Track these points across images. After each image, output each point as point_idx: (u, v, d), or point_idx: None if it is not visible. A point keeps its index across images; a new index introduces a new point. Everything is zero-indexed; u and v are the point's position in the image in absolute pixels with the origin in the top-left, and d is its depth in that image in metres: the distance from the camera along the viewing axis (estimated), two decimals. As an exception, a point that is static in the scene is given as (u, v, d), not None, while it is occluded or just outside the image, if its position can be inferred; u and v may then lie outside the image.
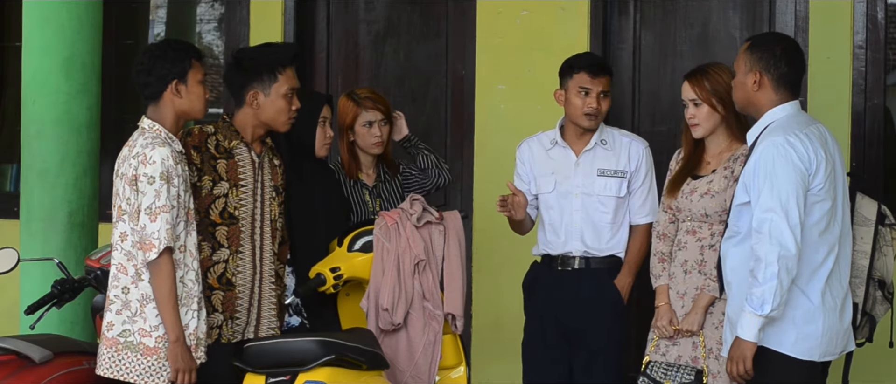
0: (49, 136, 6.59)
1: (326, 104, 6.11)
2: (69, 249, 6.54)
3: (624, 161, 6.24)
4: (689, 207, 5.87)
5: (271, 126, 5.69)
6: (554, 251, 6.25)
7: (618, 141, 6.26)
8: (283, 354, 5.41)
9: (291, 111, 5.69)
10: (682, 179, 5.92)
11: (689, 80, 5.87)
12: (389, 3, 8.05)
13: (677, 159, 6.03)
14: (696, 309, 5.82)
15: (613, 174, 6.23)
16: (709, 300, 5.81)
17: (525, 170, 6.34)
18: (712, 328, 5.80)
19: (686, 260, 5.88)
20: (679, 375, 5.82)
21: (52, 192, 6.59)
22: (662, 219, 6.00)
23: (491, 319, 7.57)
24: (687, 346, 5.85)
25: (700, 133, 5.86)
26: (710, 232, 5.84)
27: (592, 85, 6.15)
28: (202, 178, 5.57)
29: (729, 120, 5.84)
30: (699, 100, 5.82)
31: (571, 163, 6.24)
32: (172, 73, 5.36)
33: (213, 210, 5.59)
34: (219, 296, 5.58)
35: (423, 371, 5.93)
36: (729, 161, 5.85)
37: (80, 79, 6.61)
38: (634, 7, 7.62)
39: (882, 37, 7.18)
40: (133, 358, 5.26)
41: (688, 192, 5.88)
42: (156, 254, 5.19)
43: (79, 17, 6.62)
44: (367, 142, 6.36)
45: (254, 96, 5.66)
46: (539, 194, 6.29)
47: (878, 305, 5.52)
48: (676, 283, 5.90)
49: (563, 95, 6.20)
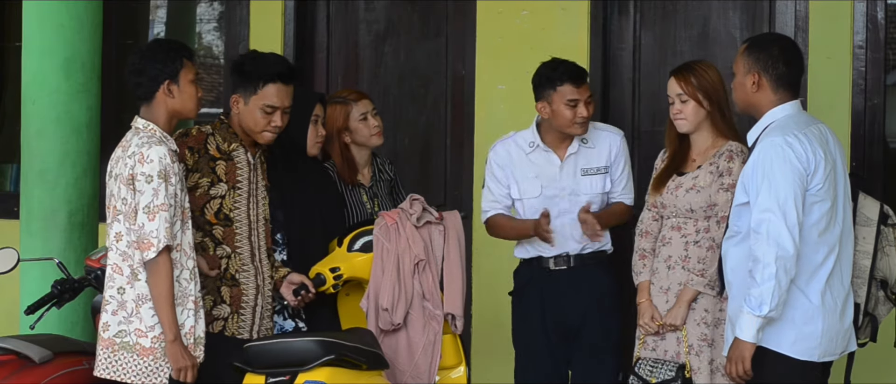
0: (49, 136, 6.58)
1: (319, 103, 6.10)
2: (69, 249, 6.54)
3: (604, 155, 6.29)
4: (673, 203, 5.90)
5: (249, 134, 5.69)
6: (547, 253, 6.26)
7: (596, 136, 6.30)
8: (283, 354, 5.41)
9: (268, 125, 5.66)
10: (666, 176, 5.95)
11: (675, 75, 5.92)
12: (389, 3, 8.05)
13: (662, 158, 6.05)
14: (680, 303, 5.84)
15: (596, 172, 6.26)
16: (693, 295, 5.83)
17: (504, 173, 6.29)
18: (694, 324, 5.82)
19: (670, 255, 5.90)
20: (663, 371, 5.83)
21: (52, 192, 6.58)
22: (646, 217, 6.03)
23: (491, 319, 7.56)
24: (672, 341, 5.88)
25: (685, 128, 5.90)
26: (694, 228, 5.87)
27: (579, 94, 6.16)
28: (196, 179, 5.58)
29: (714, 116, 5.88)
30: (685, 95, 5.86)
31: (556, 167, 6.25)
32: (164, 74, 5.35)
33: (208, 210, 5.60)
34: (227, 291, 5.60)
35: (423, 371, 5.93)
36: (714, 156, 5.88)
37: (80, 79, 6.61)
38: (634, 7, 7.62)
39: (882, 37, 7.18)
40: (130, 358, 5.25)
41: (673, 188, 5.91)
42: (155, 253, 5.19)
43: (79, 17, 6.61)
44: (366, 134, 6.30)
45: (235, 101, 5.69)
46: (523, 198, 6.28)
47: (881, 306, 5.52)
48: (660, 279, 5.92)
49: (548, 107, 6.18)
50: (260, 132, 5.69)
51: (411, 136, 7.99)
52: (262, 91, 5.66)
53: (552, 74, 6.18)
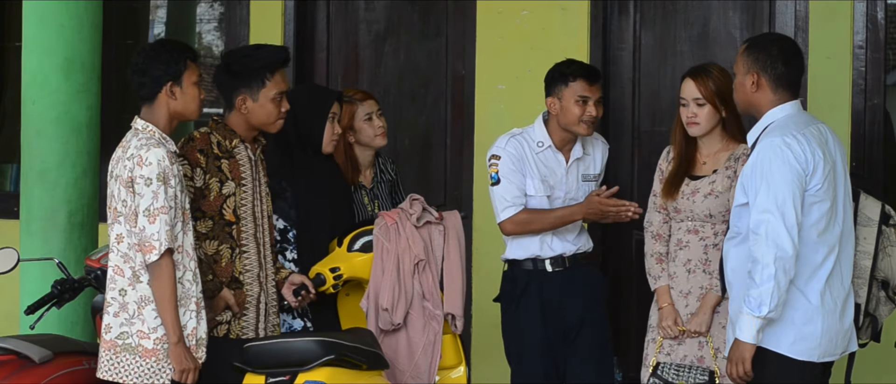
0: (49, 136, 6.58)
1: (336, 101, 6.09)
2: (69, 249, 6.54)
3: (598, 163, 6.34)
4: (690, 208, 5.86)
5: (262, 129, 5.71)
6: (544, 254, 6.24)
7: (591, 145, 6.32)
8: (283, 354, 5.41)
9: (281, 114, 5.69)
10: (679, 180, 5.91)
11: (693, 78, 5.85)
12: (389, 3, 8.05)
13: (667, 159, 6.01)
14: (704, 309, 5.82)
15: (592, 179, 6.31)
16: (716, 300, 5.80)
17: (520, 167, 6.18)
18: (719, 328, 5.80)
19: (689, 259, 5.87)
20: (692, 375, 5.81)
21: (52, 192, 6.58)
22: (656, 219, 5.99)
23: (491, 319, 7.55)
24: (693, 346, 5.85)
25: (697, 132, 5.86)
26: (713, 231, 5.84)
27: (591, 92, 6.15)
28: (209, 181, 5.58)
29: (728, 120, 5.84)
30: (703, 99, 5.82)
31: (563, 169, 6.24)
32: (167, 75, 5.35)
33: (226, 210, 5.60)
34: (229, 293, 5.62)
35: (423, 371, 5.93)
36: (730, 160, 5.85)
37: (80, 79, 6.61)
38: (634, 7, 7.62)
39: (882, 37, 7.18)
40: (132, 360, 5.25)
41: (689, 194, 5.88)
42: (157, 256, 5.19)
43: (79, 17, 6.61)
44: (370, 135, 6.29)
45: (243, 101, 5.66)
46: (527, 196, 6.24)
47: (882, 306, 5.51)
48: (679, 283, 5.89)
49: (557, 103, 6.17)
50: (274, 122, 5.69)
51: (411, 136, 7.98)
52: (271, 81, 5.67)
53: (566, 70, 6.18)
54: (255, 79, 5.66)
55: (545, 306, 6.24)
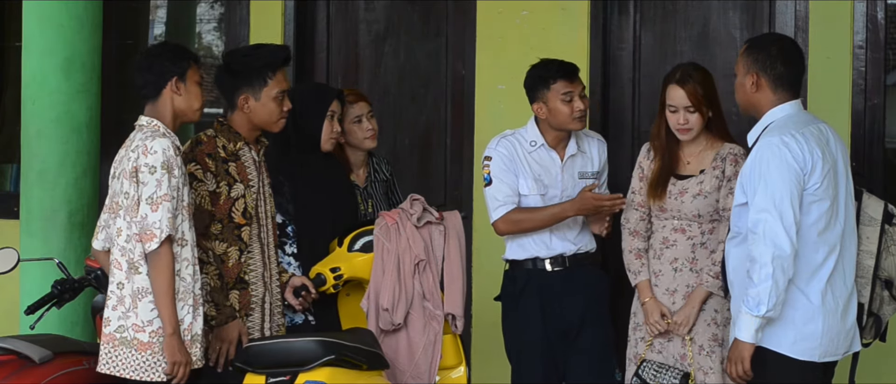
0: (49, 136, 6.59)
1: (336, 99, 6.10)
2: (69, 249, 6.54)
3: (596, 161, 6.34)
4: (678, 208, 5.89)
5: (264, 128, 5.72)
6: (543, 254, 6.25)
7: (587, 143, 6.31)
8: (283, 354, 5.41)
9: (283, 112, 5.70)
10: (664, 180, 5.93)
11: (680, 85, 5.87)
12: (389, 3, 8.05)
13: (648, 157, 6.02)
14: (692, 302, 5.85)
15: (590, 176, 6.29)
16: (704, 295, 5.83)
17: (511, 167, 6.22)
18: (705, 325, 5.83)
19: (676, 258, 5.90)
20: (667, 377, 5.83)
21: (52, 192, 6.59)
22: (634, 216, 6.02)
23: (491, 319, 7.55)
24: (678, 345, 5.88)
25: (689, 137, 5.91)
26: (700, 230, 5.88)
27: (573, 88, 6.18)
28: (219, 184, 5.58)
29: (714, 120, 5.89)
30: (693, 107, 5.85)
31: (558, 167, 6.25)
32: (172, 71, 5.37)
33: (235, 212, 5.60)
34: (235, 296, 5.61)
35: (423, 371, 5.93)
36: (716, 159, 5.89)
37: (80, 79, 6.62)
38: (634, 7, 7.61)
39: (882, 37, 7.18)
40: (128, 353, 5.25)
41: (677, 194, 5.90)
42: (157, 244, 5.19)
43: (79, 17, 6.62)
44: (359, 137, 6.30)
45: (245, 100, 5.67)
46: (521, 197, 6.25)
47: (886, 305, 5.50)
48: (665, 281, 5.92)
49: (544, 107, 6.19)
50: (276, 121, 5.70)
51: (411, 136, 7.98)
52: (273, 80, 5.68)
53: (544, 73, 6.19)
54: (256, 78, 5.67)
55: (545, 306, 6.24)
